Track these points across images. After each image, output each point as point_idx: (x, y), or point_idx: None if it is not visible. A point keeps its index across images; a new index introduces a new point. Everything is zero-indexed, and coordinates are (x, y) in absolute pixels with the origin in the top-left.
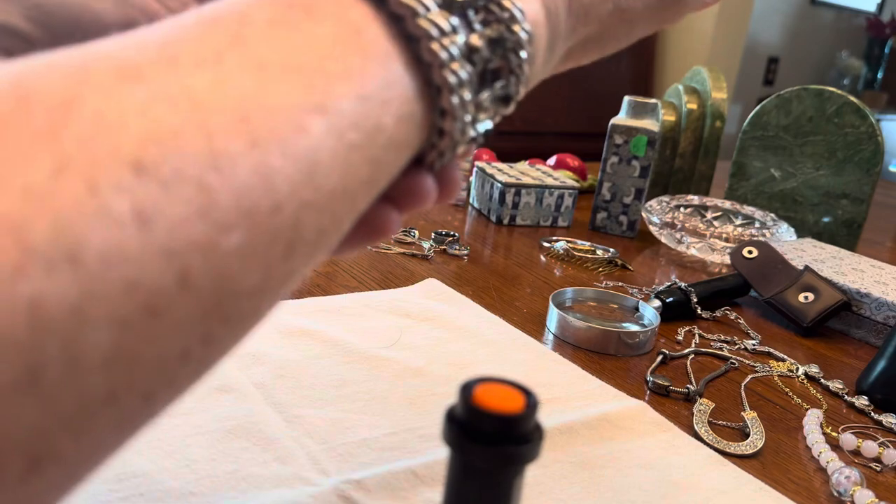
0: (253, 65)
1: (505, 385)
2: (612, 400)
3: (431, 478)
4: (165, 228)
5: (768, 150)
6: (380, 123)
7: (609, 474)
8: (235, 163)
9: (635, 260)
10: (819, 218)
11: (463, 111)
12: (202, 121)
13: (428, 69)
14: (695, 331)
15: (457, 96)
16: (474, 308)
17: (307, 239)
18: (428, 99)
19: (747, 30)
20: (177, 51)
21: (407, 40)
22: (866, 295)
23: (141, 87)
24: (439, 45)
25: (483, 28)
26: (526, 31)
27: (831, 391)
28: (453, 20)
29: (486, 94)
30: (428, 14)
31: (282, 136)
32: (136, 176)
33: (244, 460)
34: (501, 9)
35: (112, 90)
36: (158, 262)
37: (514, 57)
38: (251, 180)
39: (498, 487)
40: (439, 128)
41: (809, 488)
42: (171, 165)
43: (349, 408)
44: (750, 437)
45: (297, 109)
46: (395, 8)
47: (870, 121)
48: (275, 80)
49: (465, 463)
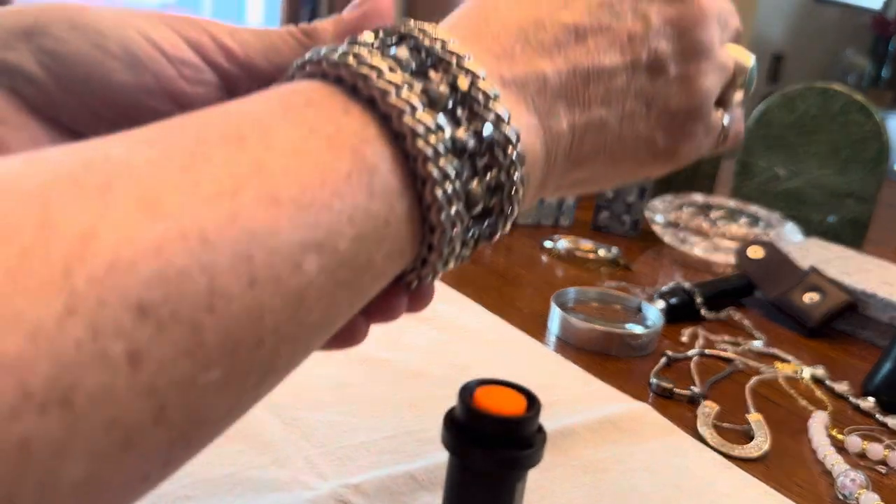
0: (268, 199)
1: (506, 387)
2: (614, 402)
3: (431, 482)
4: (153, 369)
5: (773, 148)
6: (371, 261)
7: (612, 478)
8: (231, 303)
9: (638, 260)
10: (824, 217)
11: (450, 247)
12: (209, 261)
13: (427, 210)
14: (699, 332)
15: (448, 236)
16: (475, 308)
17: (279, 369)
18: (421, 235)
19: (752, 27)
20: (199, 176)
21: (414, 178)
22: (872, 295)
23: (159, 224)
24: (442, 190)
25: (485, 174)
26: (523, 179)
27: (837, 393)
28: (460, 167)
29: (475, 230)
30: (439, 160)
31: (279, 274)
32: (136, 319)
33: (241, 463)
34: (505, 156)
35: (131, 225)
36: (140, 401)
37: (508, 201)
38: (242, 319)
39: (499, 492)
40: (423, 258)
41: (815, 491)
42: (171, 307)
43: (347, 410)
44: (755, 439)
45: (298, 247)
46: (411, 149)
47: (875, 119)
48: (285, 217)
49: (465, 467)
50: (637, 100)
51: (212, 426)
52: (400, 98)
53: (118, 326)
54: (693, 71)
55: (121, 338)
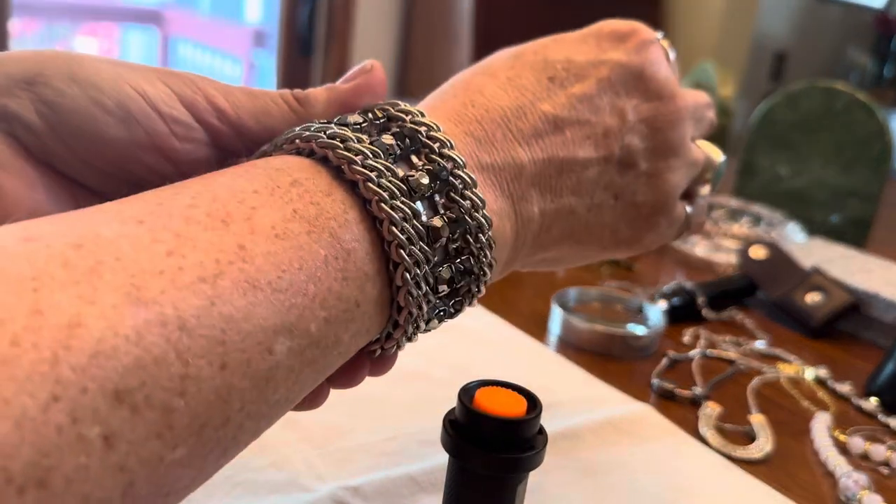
0: (246, 284)
1: (506, 389)
2: (616, 403)
3: (431, 484)
4: (125, 449)
5: (775, 147)
6: (338, 340)
7: (614, 479)
8: (202, 387)
9: (640, 260)
10: (827, 216)
11: (415, 327)
12: (186, 346)
13: (396, 291)
14: (701, 332)
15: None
16: (475, 309)
17: (241, 442)
18: (387, 315)
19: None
20: (183, 262)
21: (388, 260)
22: (875, 296)
23: (142, 311)
24: (411, 275)
25: (456, 257)
26: (491, 263)
27: (839, 394)
28: (431, 253)
29: (440, 312)
30: (411, 247)
31: (250, 358)
32: (113, 404)
33: (239, 466)
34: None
35: (115, 313)
36: (112, 478)
37: (475, 286)
38: (211, 401)
39: (499, 494)
40: (395, 321)
41: (817, 493)
42: (145, 392)
43: (346, 412)
44: (757, 440)
45: (271, 331)
46: (387, 235)
47: (878, 118)
48: (261, 301)
49: (465, 469)
50: (606, 191)
51: (175, 497)
52: (380, 185)
53: (96, 412)
54: (662, 167)
55: (97, 422)
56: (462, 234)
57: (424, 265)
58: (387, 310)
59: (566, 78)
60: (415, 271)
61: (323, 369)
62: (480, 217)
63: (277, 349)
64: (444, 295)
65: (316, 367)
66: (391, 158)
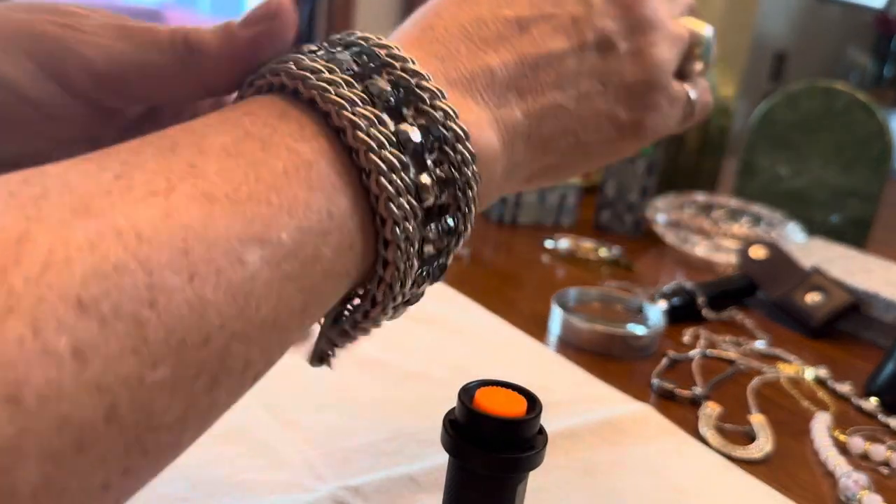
0: (202, 196)
1: (506, 388)
2: (616, 403)
3: (431, 484)
4: (100, 365)
5: (775, 147)
6: (318, 254)
7: (613, 479)
8: (172, 297)
9: (640, 259)
10: (827, 216)
11: (407, 242)
12: (146, 255)
13: (375, 201)
14: (700, 332)
15: (400, 228)
16: (475, 309)
17: (233, 370)
18: (373, 230)
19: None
20: (132, 181)
21: (359, 172)
22: (875, 296)
23: (92, 222)
24: (388, 181)
25: (435, 167)
26: (476, 175)
27: (839, 394)
28: (405, 158)
29: (432, 226)
30: (382, 151)
31: (219, 268)
32: (77, 314)
33: (239, 466)
34: (455, 151)
35: (64, 226)
36: (90, 397)
37: (462, 196)
38: (184, 314)
39: (499, 494)
40: (384, 258)
41: (817, 493)
42: (111, 301)
43: (346, 412)
44: (757, 440)
45: (236, 241)
46: (351, 142)
47: (877, 118)
48: (220, 211)
49: (465, 469)
50: (591, 79)
51: (167, 432)
52: (339, 96)
53: (59, 322)
54: (643, 43)
55: (63, 333)
56: (438, 145)
57: (400, 171)
58: (372, 227)
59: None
60: (391, 176)
61: (310, 291)
62: (454, 127)
63: (249, 259)
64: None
65: (299, 284)
66: (349, 74)
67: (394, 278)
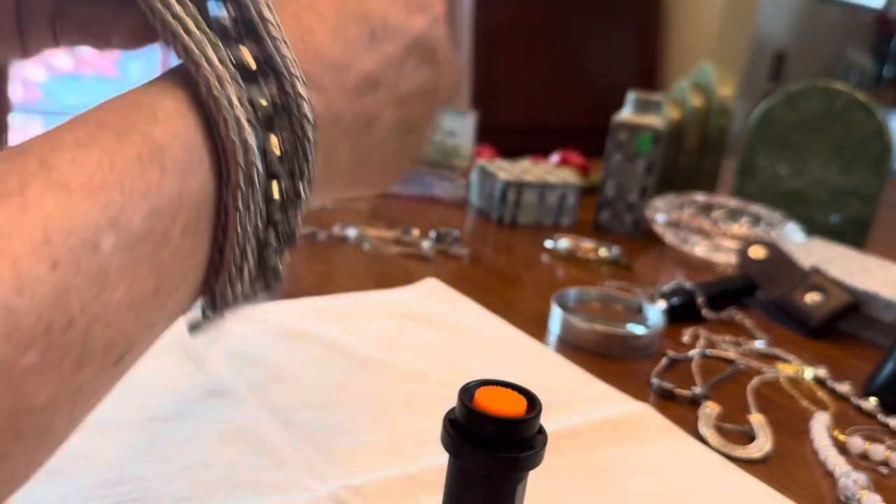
0: (57, 187)
1: (506, 388)
2: (615, 403)
3: (431, 483)
4: None
5: (776, 147)
6: (167, 236)
7: (613, 479)
8: (38, 285)
9: (640, 259)
10: (826, 216)
11: (249, 217)
12: (8, 248)
13: (227, 176)
14: (700, 332)
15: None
16: (475, 309)
17: (96, 352)
18: (216, 211)
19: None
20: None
21: (214, 145)
22: (874, 296)
23: None
24: (242, 151)
25: (281, 132)
26: (313, 139)
27: (839, 393)
28: (258, 128)
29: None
30: (239, 128)
31: (78, 255)
32: None
33: (239, 465)
34: (302, 128)
35: None
36: None
37: (305, 164)
38: (51, 300)
39: (499, 494)
40: (220, 248)
41: (816, 492)
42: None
43: (347, 412)
44: (756, 440)
45: (93, 228)
46: (212, 115)
47: (877, 118)
48: (76, 200)
49: (465, 468)
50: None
51: (39, 414)
52: (192, 37)
53: None
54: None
55: None
56: (273, 73)
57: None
58: (215, 201)
59: (383, 37)
60: (247, 155)
61: (162, 272)
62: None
63: (104, 245)
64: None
65: (150, 266)
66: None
67: (235, 229)
